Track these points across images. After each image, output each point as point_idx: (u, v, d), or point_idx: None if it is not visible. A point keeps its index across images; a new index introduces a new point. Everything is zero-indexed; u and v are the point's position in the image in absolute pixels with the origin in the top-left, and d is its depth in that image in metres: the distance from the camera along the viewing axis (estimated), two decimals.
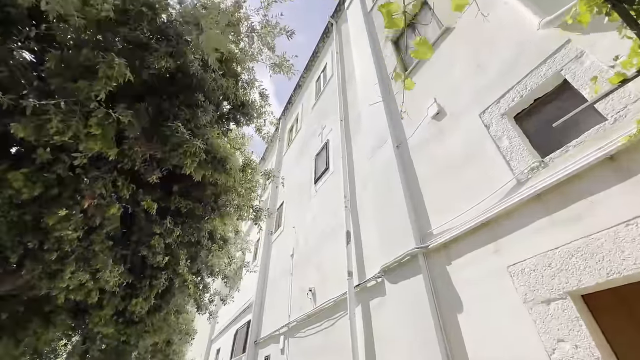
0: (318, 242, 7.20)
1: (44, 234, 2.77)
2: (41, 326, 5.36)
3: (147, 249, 3.37)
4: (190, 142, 2.49)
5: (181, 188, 3.80)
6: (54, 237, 2.82)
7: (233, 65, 3.41)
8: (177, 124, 2.51)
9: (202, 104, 2.92)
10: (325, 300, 5.82)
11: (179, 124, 2.52)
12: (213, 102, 3.12)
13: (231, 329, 13.24)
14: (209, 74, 2.92)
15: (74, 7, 1.92)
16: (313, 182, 8.69)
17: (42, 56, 2.10)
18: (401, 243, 4.19)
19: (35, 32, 2.10)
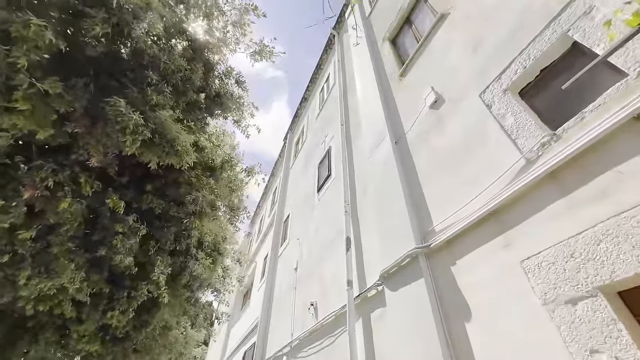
0: (320, 253, 6.75)
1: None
2: (29, 344, 5.12)
3: (108, 249, 3.09)
4: (125, 115, 2.24)
5: (156, 188, 3.57)
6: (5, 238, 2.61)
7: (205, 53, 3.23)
8: (116, 99, 2.29)
9: (154, 83, 2.71)
10: (326, 315, 5.29)
11: (119, 99, 2.30)
12: (175, 85, 2.91)
13: (241, 350, 12.64)
14: (165, 53, 2.75)
15: None
16: (316, 191, 8.34)
17: None
18: (401, 244, 3.71)
19: None
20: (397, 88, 5.58)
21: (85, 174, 2.86)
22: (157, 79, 2.63)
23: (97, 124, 2.32)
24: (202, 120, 3.72)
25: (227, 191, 4.08)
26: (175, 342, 5.74)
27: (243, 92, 3.94)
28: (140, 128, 2.29)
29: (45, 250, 2.79)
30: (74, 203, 2.62)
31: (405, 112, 5.05)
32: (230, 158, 4.29)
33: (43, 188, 2.38)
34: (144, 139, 2.36)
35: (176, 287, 4.81)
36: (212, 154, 4.09)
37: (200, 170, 3.81)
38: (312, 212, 8.20)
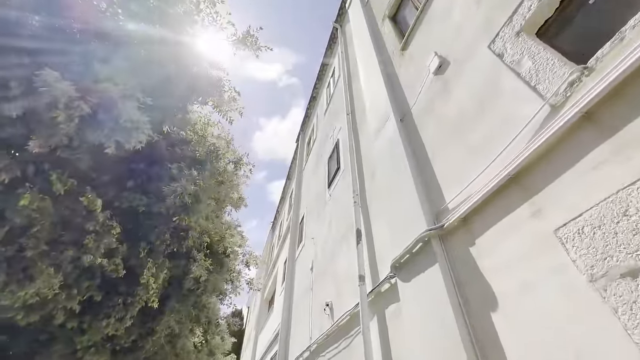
0: (332, 249, 6.34)
1: None
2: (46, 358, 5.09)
3: (78, 249, 2.89)
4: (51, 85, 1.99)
5: (137, 184, 3.37)
6: None
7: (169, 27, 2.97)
8: (49, 71, 2.05)
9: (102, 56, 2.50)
10: (341, 315, 4.86)
11: (52, 72, 2.06)
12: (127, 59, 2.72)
13: (267, 358, 12.37)
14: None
15: None
16: (327, 187, 7.97)
17: None
18: (411, 229, 3.25)
19: None
20: (400, 63, 5.13)
21: (57, 171, 2.69)
22: (104, 52, 2.40)
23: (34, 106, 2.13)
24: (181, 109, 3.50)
25: (214, 184, 3.82)
26: (187, 352, 5.52)
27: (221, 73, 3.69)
28: (77, 103, 2.05)
29: (19, 254, 2.65)
30: (37, 200, 2.45)
31: (409, 86, 4.60)
32: (216, 149, 4.04)
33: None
34: (82, 114, 2.13)
35: (180, 291, 4.59)
36: (197, 145, 3.87)
37: (185, 164, 3.58)
38: (324, 209, 7.83)
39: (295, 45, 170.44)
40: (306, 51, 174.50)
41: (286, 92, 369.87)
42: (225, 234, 5.33)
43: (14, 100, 2.03)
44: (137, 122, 2.36)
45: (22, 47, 2.11)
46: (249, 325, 21.84)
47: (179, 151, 3.62)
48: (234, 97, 3.75)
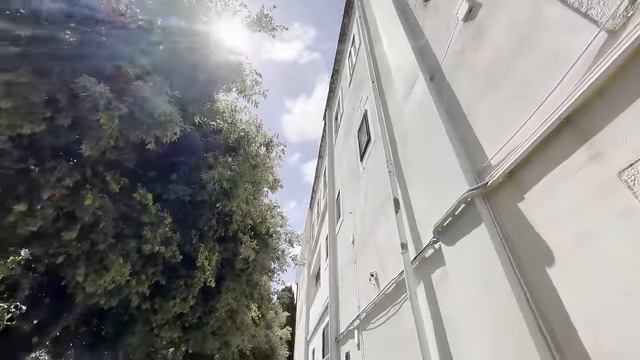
0: (371, 221, 6.35)
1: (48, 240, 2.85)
2: (130, 335, 5.86)
3: (139, 240, 3.21)
4: (90, 89, 2.15)
5: (180, 176, 3.61)
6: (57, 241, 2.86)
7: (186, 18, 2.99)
8: (85, 76, 2.21)
9: (129, 56, 2.61)
10: (386, 284, 4.93)
11: (88, 77, 2.22)
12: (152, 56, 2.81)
13: (320, 329, 13.10)
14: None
15: None
16: (359, 160, 7.86)
17: None
18: (452, 191, 3.11)
19: None
20: (423, 16, 4.74)
21: (110, 172, 2.96)
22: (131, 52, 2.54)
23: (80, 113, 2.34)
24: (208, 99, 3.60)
25: (249, 168, 3.95)
26: (246, 325, 6.03)
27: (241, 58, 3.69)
28: (113, 103, 2.21)
29: (92, 248, 3.02)
30: (98, 199, 2.74)
31: (435, 41, 4.25)
32: (246, 134, 4.14)
33: (62, 188, 2.51)
34: (122, 114, 2.28)
35: (233, 272, 4.95)
36: (228, 132, 3.99)
37: (220, 152, 3.74)
38: (358, 183, 7.79)
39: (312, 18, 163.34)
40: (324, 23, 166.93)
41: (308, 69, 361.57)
42: (266, 215, 5.57)
43: (63, 111, 2.25)
44: (170, 114, 2.48)
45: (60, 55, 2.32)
46: (300, 300, 23.13)
47: (212, 140, 3.78)
48: (256, 80, 3.77)
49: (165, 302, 4.37)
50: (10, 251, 2.85)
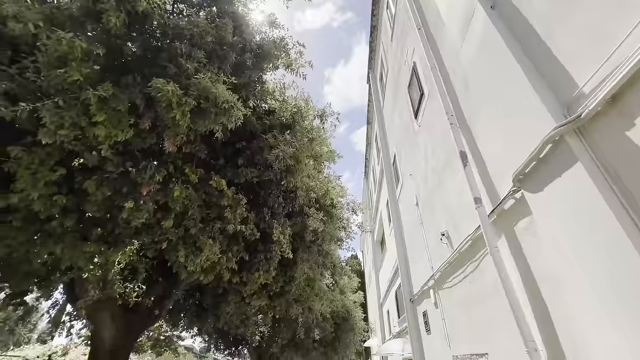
0: (436, 180, 6.04)
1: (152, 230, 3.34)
2: (225, 304, 6.75)
3: (222, 222, 3.54)
4: (162, 89, 2.30)
5: (246, 160, 3.82)
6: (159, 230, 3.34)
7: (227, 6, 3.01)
8: (155, 80, 2.38)
9: (185, 53, 2.71)
10: (461, 242, 4.73)
11: (157, 79, 2.38)
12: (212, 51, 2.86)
13: (392, 291, 13.40)
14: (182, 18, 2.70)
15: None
16: (413, 118, 7.40)
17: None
18: (533, 132, 2.76)
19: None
20: None
21: (187, 165, 3.29)
22: (186, 49, 2.67)
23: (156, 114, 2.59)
24: (258, 81, 3.67)
25: (307, 141, 4.00)
26: (323, 291, 6.45)
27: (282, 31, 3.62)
28: (184, 99, 2.38)
29: (187, 233, 3.46)
30: (184, 190, 3.08)
31: None
32: (299, 109, 4.15)
33: (154, 183, 2.87)
34: (191, 108, 2.46)
35: (305, 243, 5.25)
36: (281, 111, 4.06)
37: (277, 130, 3.84)
38: (415, 142, 7.39)
39: None
40: None
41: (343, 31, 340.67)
42: (328, 187, 5.69)
43: (143, 116, 2.53)
44: (232, 101, 2.61)
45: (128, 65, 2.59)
46: (367, 266, 23.78)
47: (267, 122, 3.90)
48: (300, 52, 3.70)
49: (251, 274, 4.86)
50: (126, 242, 3.45)
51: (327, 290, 6.77)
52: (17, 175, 2.40)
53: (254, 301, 5.56)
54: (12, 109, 2.05)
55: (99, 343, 4.88)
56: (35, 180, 2.43)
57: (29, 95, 2.20)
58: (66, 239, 3.05)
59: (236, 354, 14.32)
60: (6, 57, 2.37)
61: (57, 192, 2.65)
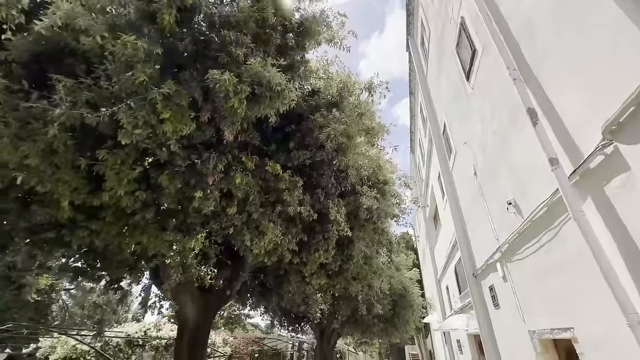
0: (497, 144, 5.51)
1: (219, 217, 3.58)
2: (287, 284, 7.14)
3: (282, 205, 3.62)
4: (218, 80, 2.33)
5: (297, 142, 3.84)
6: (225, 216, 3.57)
7: None
8: (210, 72, 2.43)
9: (234, 41, 2.71)
10: (533, 209, 4.31)
11: (211, 70, 2.43)
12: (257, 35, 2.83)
13: (450, 266, 12.93)
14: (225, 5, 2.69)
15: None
16: (465, 80, 6.77)
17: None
18: (629, 75, 2.33)
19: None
20: None
21: (243, 153, 3.42)
22: (234, 36, 2.69)
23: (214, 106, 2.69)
24: (302, 61, 3.60)
25: (356, 116, 3.86)
26: (381, 268, 6.43)
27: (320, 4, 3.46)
28: (239, 86, 2.42)
29: (250, 218, 3.65)
30: (244, 177, 3.22)
31: None
32: (344, 84, 4.00)
33: (218, 173, 3.03)
34: (247, 96, 2.50)
35: (359, 222, 5.23)
36: (326, 89, 3.95)
37: (324, 109, 3.77)
38: (469, 106, 6.79)
39: None
40: None
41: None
42: (379, 163, 5.54)
43: (202, 109, 2.66)
44: (284, 83, 2.61)
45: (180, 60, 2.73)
46: (420, 243, 23.18)
47: (313, 102, 3.86)
48: (342, 22, 3.54)
49: (310, 255, 5.00)
50: (197, 230, 3.77)
51: (383, 267, 6.74)
52: (106, 176, 2.72)
53: (313, 280, 5.75)
54: (96, 115, 2.31)
55: (184, 320, 5.50)
56: (120, 179, 2.74)
57: (105, 102, 2.44)
58: (148, 230, 3.42)
59: (299, 330, 15.23)
60: (81, 70, 2.63)
61: (137, 188, 2.96)
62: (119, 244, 3.70)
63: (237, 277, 5.90)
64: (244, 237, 3.63)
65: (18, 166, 2.46)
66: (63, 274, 6.16)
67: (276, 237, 3.73)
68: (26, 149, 2.31)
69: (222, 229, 3.71)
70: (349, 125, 3.62)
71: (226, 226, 3.61)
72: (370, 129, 4.20)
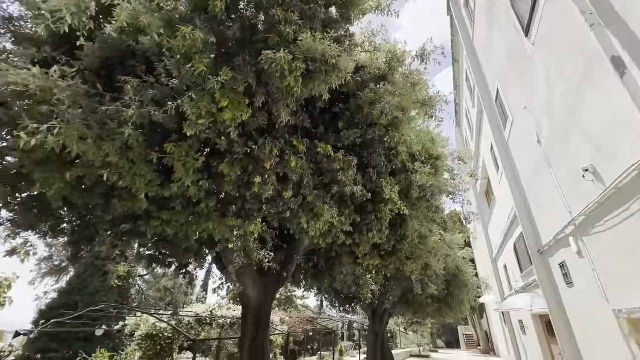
0: (567, 105, 4.87)
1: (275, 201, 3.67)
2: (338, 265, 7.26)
3: (337, 185, 3.57)
4: (273, 59, 2.27)
5: (345, 122, 3.72)
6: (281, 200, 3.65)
7: None
8: (264, 53, 2.39)
9: (282, 19, 2.62)
10: (619, 174, 3.77)
11: (264, 51, 2.39)
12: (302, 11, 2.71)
13: (508, 244, 12.11)
14: None
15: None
16: (523, 35, 6.04)
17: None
18: None
19: None
20: None
21: (294, 137, 3.43)
22: (282, 14, 2.62)
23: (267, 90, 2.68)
24: (346, 35, 3.42)
25: (409, 87, 3.62)
26: (436, 247, 6.19)
27: None
28: (294, 63, 2.37)
29: (305, 201, 3.69)
30: (297, 160, 3.23)
31: None
32: (394, 54, 3.74)
33: (274, 157, 3.08)
34: (302, 72, 2.44)
35: (411, 200, 5.04)
36: (372, 62, 3.74)
37: (372, 84, 3.59)
38: (529, 65, 6.06)
39: None
40: None
41: None
42: (431, 136, 5.24)
43: (256, 93, 2.70)
44: (338, 53, 2.52)
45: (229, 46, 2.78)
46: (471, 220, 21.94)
47: (360, 79, 3.71)
48: None
49: (362, 235, 4.96)
50: (255, 215, 3.93)
51: (437, 246, 6.49)
52: (174, 167, 2.91)
53: (366, 261, 5.73)
54: (162, 110, 2.45)
55: (247, 301, 5.87)
56: (186, 169, 2.91)
57: (167, 97, 2.58)
58: (212, 217, 3.63)
59: (349, 310, 15.56)
60: (142, 71, 2.79)
61: (201, 178, 3.14)
62: (186, 231, 3.99)
63: (292, 260, 6.10)
64: (300, 220, 3.70)
65: (101, 164, 2.74)
66: (139, 261, 6.86)
67: (332, 218, 3.74)
68: (106, 147, 2.55)
69: (278, 213, 3.81)
70: (402, 96, 3.41)
71: (282, 210, 3.70)
72: (427, 99, 3.91)
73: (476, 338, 30.10)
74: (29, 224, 4.18)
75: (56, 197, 3.08)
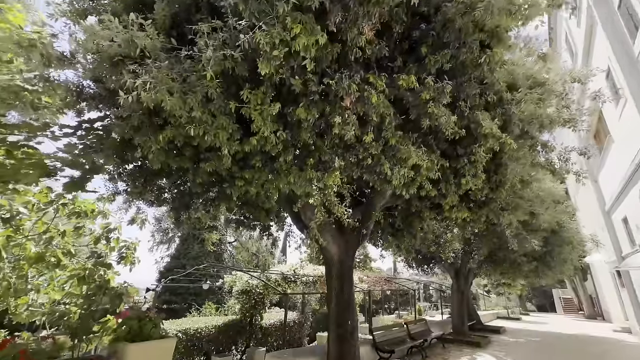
0: None
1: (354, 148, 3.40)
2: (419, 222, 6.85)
3: (428, 118, 3.04)
4: None
5: (430, 45, 3.10)
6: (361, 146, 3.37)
7: None
8: None
9: None
10: None
11: None
12: None
13: (632, 192, 9.86)
14: None
15: None
16: None
17: None
18: None
19: None
20: None
21: (370, 73, 3.03)
22: None
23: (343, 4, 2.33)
24: None
25: None
26: (542, 196, 5.24)
27: None
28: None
29: (387, 145, 3.34)
30: (378, 95, 2.85)
31: None
32: None
33: (353, 92, 2.76)
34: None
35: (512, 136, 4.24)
36: None
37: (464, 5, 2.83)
38: None
39: None
40: None
41: None
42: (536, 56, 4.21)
43: (331, 12, 2.40)
44: None
45: None
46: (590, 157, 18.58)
47: None
48: None
49: (449, 185, 4.42)
50: (334, 167, 3.76)
51: (538, 195, 5.50)
52: (252, 117, 2.86)
53: (453, 214, 5.18)
54: (237, 44, 2.35)
55: (329, 257, 5.97)
56: (264, 118, 2.83)
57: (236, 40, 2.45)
58: (292, 171, 3.58)
59: (428, 271, 15.09)
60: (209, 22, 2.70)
61: (278, 128, 3.05)
62: (268, 190, 4.06)
63: (370, 217, 5.91)
64: (382, 167, 3.38)
65: (187, 121, 2.83)
66: (228, 226, 7.50)
67: (420, 161, 3.31)
68: (190, 101, 2.59)
69: (358, 162, 3.56)
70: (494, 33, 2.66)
71: (363, 157, 3.42)
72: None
73: (577, 302, 26.72)
74: (138, 192, 4.80)
75: (155, 161, 3.35)
